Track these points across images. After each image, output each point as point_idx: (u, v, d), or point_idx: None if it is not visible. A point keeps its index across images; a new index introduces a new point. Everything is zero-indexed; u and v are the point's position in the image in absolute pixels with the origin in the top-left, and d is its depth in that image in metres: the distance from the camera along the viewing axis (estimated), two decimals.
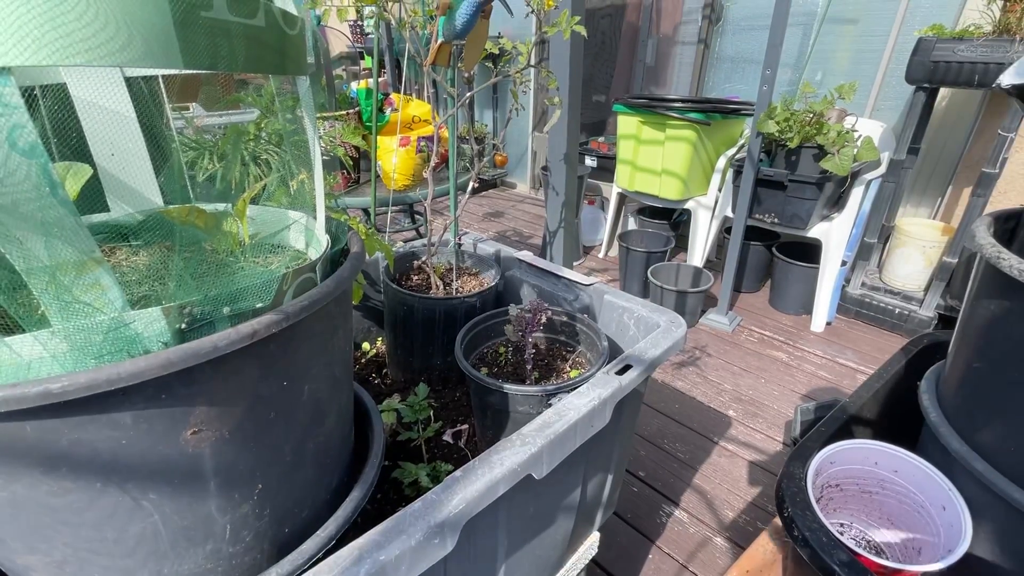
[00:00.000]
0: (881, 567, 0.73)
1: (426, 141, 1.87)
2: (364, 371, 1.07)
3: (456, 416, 0.92)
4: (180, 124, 0.69)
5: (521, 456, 0.53)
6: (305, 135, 0.51)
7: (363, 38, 3.87)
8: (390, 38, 3.02)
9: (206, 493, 0.41)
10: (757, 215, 2.17)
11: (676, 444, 1.61)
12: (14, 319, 0.33)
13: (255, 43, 0.37)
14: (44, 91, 0.43)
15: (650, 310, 0.85)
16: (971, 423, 0.80)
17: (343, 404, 0.56)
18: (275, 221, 0.56)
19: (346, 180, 1.88)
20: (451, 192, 1.12)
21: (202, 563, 0.44)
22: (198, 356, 0.35)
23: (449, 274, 1.03)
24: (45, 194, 0.29)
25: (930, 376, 0.94)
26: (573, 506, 0.76)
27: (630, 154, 2.52)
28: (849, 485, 0.92)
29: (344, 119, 1.66)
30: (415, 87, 3.22)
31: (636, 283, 2.46)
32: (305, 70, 0.45)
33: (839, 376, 1.94)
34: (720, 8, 2.94)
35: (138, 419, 0.35)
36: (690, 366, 2.00)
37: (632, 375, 0.67)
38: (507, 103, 4.08)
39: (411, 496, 0.69)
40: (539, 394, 0.72)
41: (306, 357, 0.46)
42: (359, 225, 0.69)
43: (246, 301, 0.39)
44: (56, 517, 0.37)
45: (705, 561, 1.25)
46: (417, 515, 0.46)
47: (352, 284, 0.59)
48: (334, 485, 0.55)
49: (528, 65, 0.95)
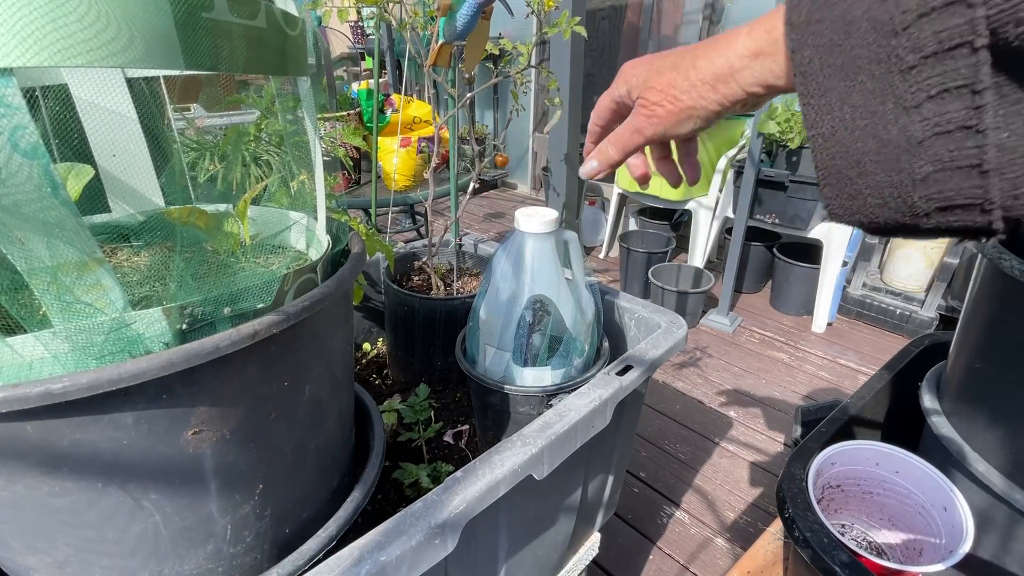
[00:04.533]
0: (882, 568, 0.73)
1: (427, 142, 1.87)
2: (365, 372, 1.07)
3: (457, 417, 0.92)
4: (181, 125, 0.69)
5: (522, 457, 0.53)
6: (306, 136, 0.51)
7: (364, 39, 3.88)
8: (391, 39, 3.03)
9: (207, 493, 0.41)
10: (758, 216, 2.17)
11: (677, 445, 1.61)
12: (16, 319, 0.33)
13: (256, 44, 0.37)
14: (46, 92, 0.43)
15: (651, 311, 0.85)
16: (972, 424, 0.80)
17: (344, 405, 0.56)
18: (276, 222, 0.56)
19: (347, 181, 1.88)
20: (452, 193, 1.12)
21: (203, 563, 0.44)
22: (199, 356, 0.35)
23: (450, 275, 1.03)
24: (47, 195, 0.29)
25: (931, 377, 0.94)
26: (574, 507, 0.76)
27: None
28: (850, 486, 0.92)
29: (345, 120, 1.67)
30: (416, 88, 3.22)
31: (637, 284, 2.46)
32: (306, 71, 0.45)
33: (840, 377, 1.94)
34: (720, 8, 2.94)
35: (139, 419, 0.35)
36: (691, 367, 2.00)
37: (633, 376, 0.67)
38: (508, 104, 4.09)
39: (412, 497, 0.69)
40: (540, 394, 0.72)
41: (307, 358, 0.46)
42: (360, 226, 0.69)
43: (247, 302, 0.39)
44: (57, 517, 0.37)
45: (706, 562, 1.25)
46: (418, 516, 0.46)
47: (353, 285, 0.59)
48: (335, 486, 0.55)
49: (529, 66, 0.95)
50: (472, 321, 0.78)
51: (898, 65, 0.24)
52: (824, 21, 0.26)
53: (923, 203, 0.25)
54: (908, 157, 0.25)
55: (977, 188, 0.24)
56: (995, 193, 0.24)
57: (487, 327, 0.75)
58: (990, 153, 0.23)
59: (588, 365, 0.76)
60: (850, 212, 0.28)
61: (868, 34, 0.24)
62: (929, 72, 0.23)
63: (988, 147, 0.23)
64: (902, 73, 0.24)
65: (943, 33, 0.22)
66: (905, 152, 0.25)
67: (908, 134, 0.24)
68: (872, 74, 0.25)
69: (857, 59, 0.25)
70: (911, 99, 0.24)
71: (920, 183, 0.25)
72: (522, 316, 0.72)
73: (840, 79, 0.26)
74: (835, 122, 0.27)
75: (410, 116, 1.94)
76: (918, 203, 0.25)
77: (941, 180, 0.24)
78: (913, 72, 0.24)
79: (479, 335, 0.76)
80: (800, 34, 0.27)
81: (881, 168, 0.26)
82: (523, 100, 1.04)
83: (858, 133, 0.26)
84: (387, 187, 1.93)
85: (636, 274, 2.44)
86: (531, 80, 1.00)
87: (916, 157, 0.25)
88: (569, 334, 0.73)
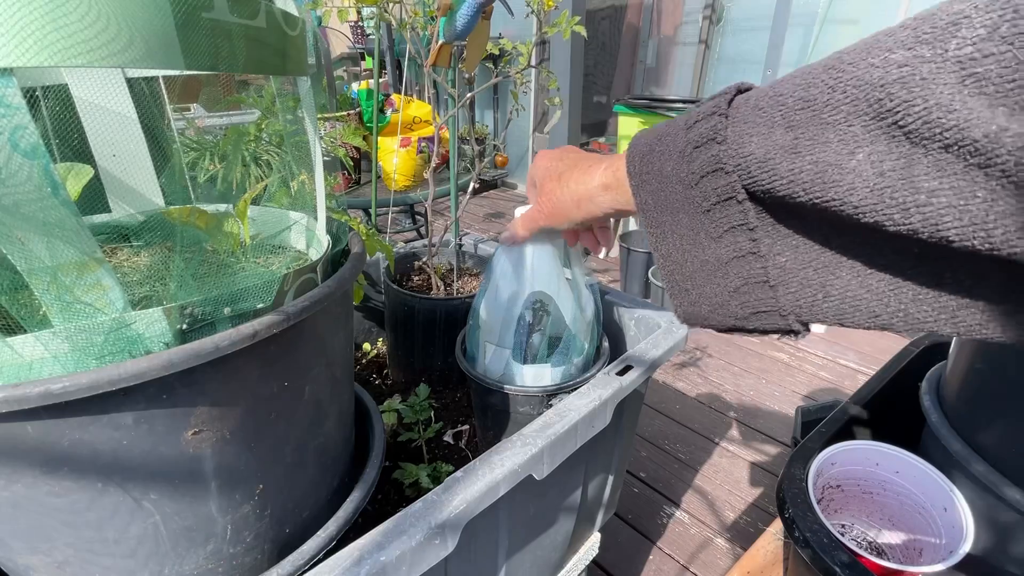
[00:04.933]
0: (882, 568, 0.73)
1: (427, 142, 1.87)
2: (365, 372, 1.07)
3: (457, 417, 0.92)
4: (181, 125, 0.69)
5: (522, 457, 0.53)
6: (306, 136, 0.51)
7: (364, 39, 3.88)
8: (391, 39, 3.03)
9: (207, 493, 0.41)
10: None
11: (677, 445, 1.61)
12: (16, 319, 0.33)
13: (256, 44, 0.37)
14: (46, 92, 0.43)
15: (651, 310, 0.85)
16: (972, 424, 0.80)
17: (344, 405, 0.56)
18: (276, 222, 0.56)
19: (347, 181, 1.88)
20: (452, 193, 1.12)
21: (203, 563, 0.44)
22: (199, 356, 0.35)
23: (450, 275, 1.03)
24: (47, 195, 0.29)
25: (931, 377, 0.94)
26: (574, 507, 0.76)
27: None
28: (850, 486, 0.92)
29: (345, 120, 1.67)
30: (416, 88, 3.22)
31: (637, 284, 2.46)
32: (306, 71, 0.45)
33: (840, 377, 1.94)
34: (721, 8, 2.94)
35: (139, 420, 0.35)
36: (691, 367, 2.00)
37: (633, 376, 0.67)
38: (508, 104, 4.09)
39: (412, 497, 0.69)
40: (540, 394, 0.72)
41: (307, 358, 0.46)
42: (360, 226, 0.69)
43: (247, 301, 0.39)
44: (57, 517, 0.37)
45: (706, 562, 1.25)
46: (418, 516, 0.46)
47: (353, 284, 0.59)
48: (335, 486, 0.55)
49: (529, 66, 0.95)
50: (472, 320, 0.78)
51: (699, 208, 0.31)
52: (649, 172, 0.33)
53: (740, 309, 0.32)
54: (722, 274, 0.32)
55: (771, 298, 0.30)
56: (784, 302, 0.30)
57: (487, 325, 0.75)
58: (772, 272, 0.30)
59: (588, 364, 0.76)
60: (693, 316, 0.35)
61: (676, 186, 0.32)
62: (719, 214, 0.30)
63: (770, 268, 0.30)
64: (703, 214, 0.31)
65: (718, 190, 0.30)
66: (719, 270, 0.32)
67: (717, 256, 0.31)
68: (687, 212, 0.32)
69: (675, 203, 0.32)
70: (714, 232, 0.31)
71: (734, 293, 0.32)
72: (522, 314, 0.72)
73: (668, 215, 0.33)
74: (670, 246, 0.34)
75: (410, 116, 1.94)
76: (736, 309, 0.32)
77: (746, 291, 0.31)
78: (710, 213, 0.31)
79: (479, 333, 0.76)
80: (636, 181, 0.35)
81: (706, 281, 0.33)
82: (523, 100, 1.04)
83: (686, 255, 0.33)
84: (387, 187, 1.93)
85: (636, 274, 2.44)
86: (531, 80, 1.00)
87: (727, 274, 0.32)
88: (569, 332, 0.73)
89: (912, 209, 0.22)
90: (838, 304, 0.28)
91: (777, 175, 0.26)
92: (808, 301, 0.29)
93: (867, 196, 0.23)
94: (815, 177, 0.25)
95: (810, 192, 0.25)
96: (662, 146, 0.32)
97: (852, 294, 0.27)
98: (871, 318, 0.28)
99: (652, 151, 0.33)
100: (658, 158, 0.33)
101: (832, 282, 0.28)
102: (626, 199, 0.38)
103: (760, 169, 0.27)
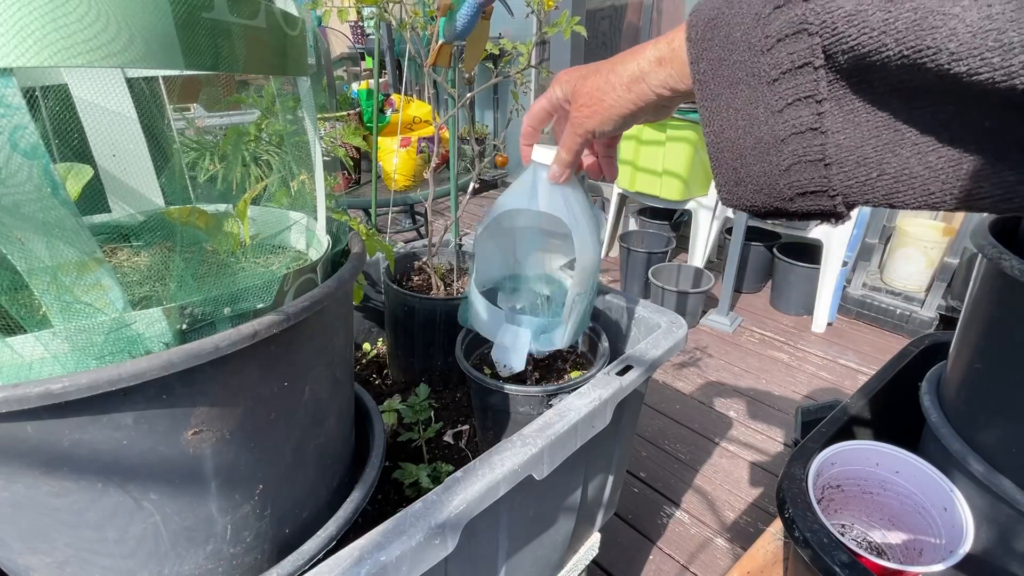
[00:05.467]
0: (882, 568, 0.73)
1: (427, 142, 1.87)
2: (365, 372, 1.07)
3: (457, 417, 0.92)
4: (181, 125, 0.69)
5: (522, 457, 0.53)
6: (306, 136, 0.51)
7: (364, 39, 3.88)
8: (391, 39, 3.03)
9: (207, 493, 0.41)
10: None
11: (677, 445, 1.61)
12: (16, 319, 0.33)
13: (256, 44, 0.37)
14: (45, 92, 0.43)
15: (651, 311, 0.85)
16: (972, 424, 0.80)
17: (344, 405, 0.56)
18: (276, 222, 0.56)
19: (347, 181, 1.88)
20: (452, 193, 1.12)
21: (203, 563, 0.44)
22: (199, 356, 0.35)
23: (450, 275, 1.03)
24: (46, 195, 0.29)
25: (931, 377, 0.94)
26: (574, 507, 0.76)
27: (631, 155, 2.52)
28: (850, 486, 0.92)
29: (345, 120, 1.67)
30: (416, 88, 3.22)
31: (637, 283, 2.46)
32: (306, 71, 0.45)
33: (840, 377, 1.94)
34: None
35: (139, 420, 0.35)
36: (691, 367, 2.00)
37: (633, 376, 0.67)
38: (508, 104, 4.09)
39: (412, 497, 0.69)
40: (540, 394, 0.72)
41: (307, 358, 0.46)
42: (360, 226, 0.69)
43: (247, 302, 0.39)
44: (57, 517, 0.37)
45: (706, 562, 1.25)
46: (418, 516, 0.46)
47: (353, 284, 0.59)
48: (335, 486, 0.55)
49: (529, 66, 0.95)
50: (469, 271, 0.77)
51: (765, 78, 0.30)
52: (714, 40, 0.32)
53: (787, 189, 0.31)
54: (775, 152, 0.31)
55: (822, 177, 0.30)
56: (836, 182, 0.29)
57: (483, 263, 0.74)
58: (831, 150, 0.29)
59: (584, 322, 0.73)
60: (737, 197, 0.34)
61: (744, 53, 0.30)
62: (786, 85, 0.29)
63: (829, 145, 0.29)
64: (768, 85, 0.30)
65: (794, 55, 0.28)
66: (773, 148, 0.31)
67: (774, 133, 0.30)
68: (748, 84, 0.31)
69: (737, 72, 0.31)
70: (775, 105, 0.30)
71: (784, 172, 0.31)
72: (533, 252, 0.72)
73: (726, 87, 0.32)
74: (723, 122, 0.32)
75: (410, 116, 1.94)
76: (784, 189, 0.31)
77: (798, 171, 0.30)
78: (775, 84, 0.29)
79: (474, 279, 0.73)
80: (697, 49, 0.33)
81: (757, 160, 0.32)
82: (523, 100, 1.04)
83: (740, 132, 0.32)
84: (387, 187, 1.93)
85: (636, 274, 2.44)
86: (531, 80, 1.00)
87: (780, 152, 0.31)
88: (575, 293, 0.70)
89: (1018, 48, 0.21)
90: (891, 183, 0.28)
91: (868, 26, 0.25)
92: (861, 180, 0.29)
93: (968, 40, 0.22)
94: (912, 24, 0.24)
95: (903, 42, 0.24)
96: (732, 10, 0.31)
97: (909, 172, 0.27)
98: (924, 196, 0.27)
99: (720, 15, 0.31)
100: (726, 23, 0.31)
101: (890, 160, 0.27)
102: (681, 73, 0.36)
103: (848, 23, 0.26)
